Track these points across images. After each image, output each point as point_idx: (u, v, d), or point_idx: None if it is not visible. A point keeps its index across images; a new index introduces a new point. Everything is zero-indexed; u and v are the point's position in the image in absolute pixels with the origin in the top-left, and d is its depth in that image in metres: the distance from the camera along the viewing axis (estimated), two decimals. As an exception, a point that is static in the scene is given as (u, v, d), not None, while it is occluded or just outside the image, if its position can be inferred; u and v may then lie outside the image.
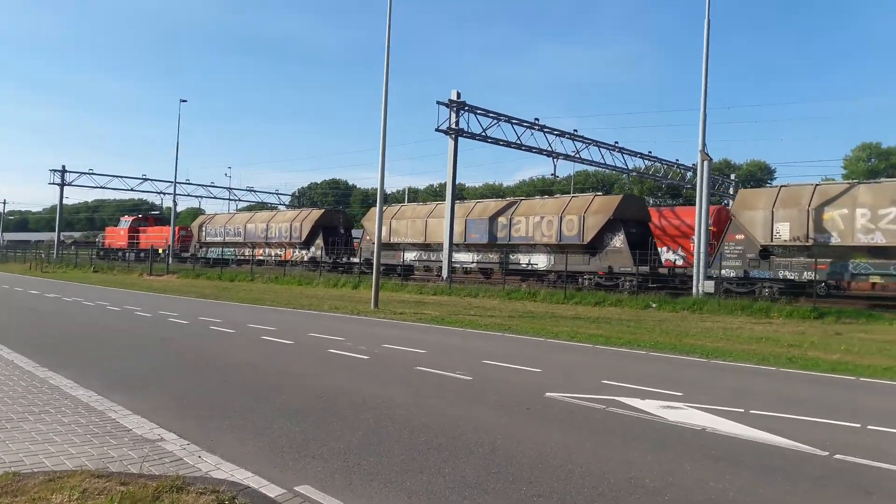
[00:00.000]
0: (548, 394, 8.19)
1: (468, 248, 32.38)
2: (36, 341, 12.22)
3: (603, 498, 4.73)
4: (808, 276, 21.69)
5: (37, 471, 4.78)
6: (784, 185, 23.56)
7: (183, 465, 5.18)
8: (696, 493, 4.86)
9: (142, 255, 55.50)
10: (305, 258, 41.19)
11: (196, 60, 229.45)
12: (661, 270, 26.90)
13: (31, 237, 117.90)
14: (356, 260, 37.40)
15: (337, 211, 48.27)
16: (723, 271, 23.37)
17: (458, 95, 31.14)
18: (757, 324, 17.39)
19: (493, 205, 32.46)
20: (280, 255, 43.00)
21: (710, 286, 21.90)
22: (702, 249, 22.12)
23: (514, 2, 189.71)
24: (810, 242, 21.36)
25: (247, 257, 45.64)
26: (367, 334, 14.05)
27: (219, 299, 23.58)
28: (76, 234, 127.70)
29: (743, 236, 23.08)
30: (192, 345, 12.39)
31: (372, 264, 34.61)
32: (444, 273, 30.34)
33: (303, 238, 41.17)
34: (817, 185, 22.49)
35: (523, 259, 30.22)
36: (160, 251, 51.78)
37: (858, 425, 6.90)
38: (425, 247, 33.69)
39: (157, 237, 55.03)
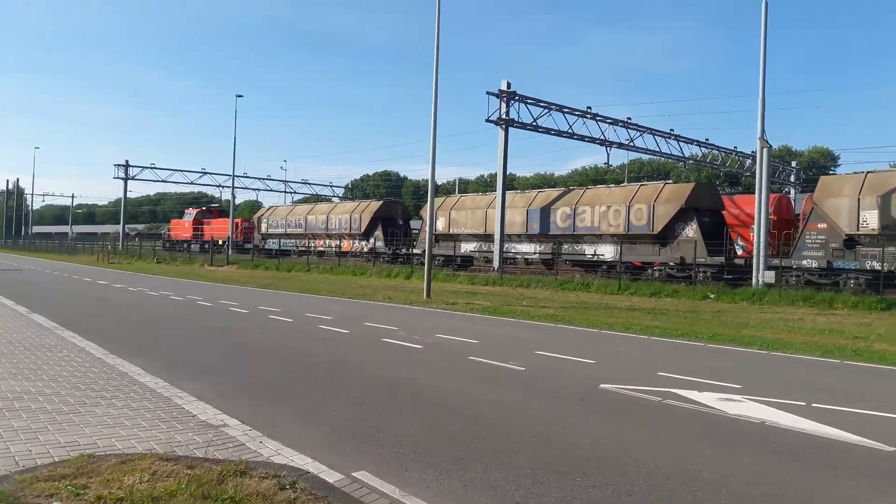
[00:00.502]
0: (602, 385, 8.14)
1: (530, 238, 31.72)
2: (105, 330, 12.75)
3: (658, 490, 4.70)
4: None
5: (109, 453, 5.01)
6: (871, 171, 22.12)
7: (245, 450, 5.36)
8: (754, 487, 4.78)
9: (206, 246, 56.99)
10: (365, 249, 41.30)
11: (251, 56, 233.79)
12: (738, 261, 25.59)
13: (98, 229, 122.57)
14: (416, 251, 37.06)
15: (395, 202, 48.57)
16: (804, 262, 22.41)
17: (508, 85, 30.97)
18: (820, 315, 16.86)
19: (555, 194, 31.68)
20: (340, 246, 43.27)
21: (770, 276, 21.32)
22: (761, 239, 21.54)
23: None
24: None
25: (307, 248, 46.19)
26: (421, 324, 14.18)
27: (277, 289, 24.12)
28: (140, 227, 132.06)
29: (826, 225, 21.96)
30: (252, 334, 12.74)
31: (432, 255, 35.10)
32: (496, 263, 30.32)
33: (362, 229, 41.45)
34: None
35: (588, 250, 29.46)
36: (220, 242, 53.15)
37: (928, 421, 6.65)
38: (485, 237, 33.20)
39: (221, 229, 56.33)
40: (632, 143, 39.65)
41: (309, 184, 77.18)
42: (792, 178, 53.96)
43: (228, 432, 5.84)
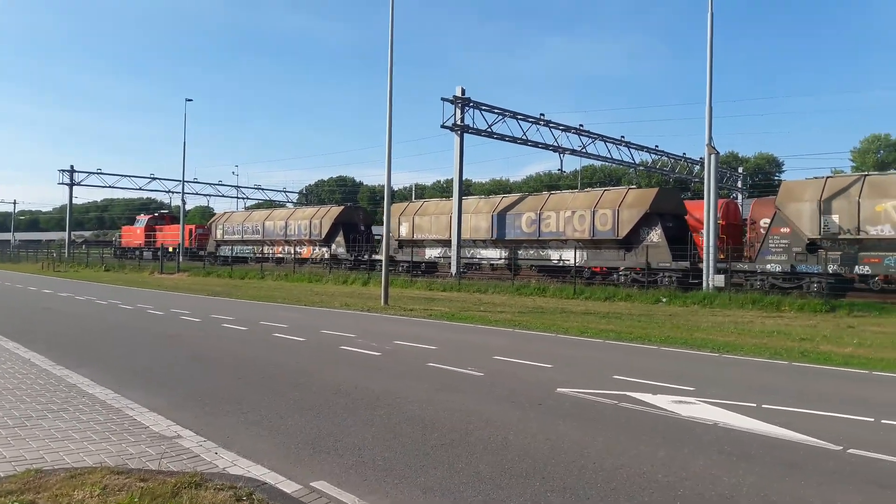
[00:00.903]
0: (559, 389, 8.22)
1: (495, 243, 31.53)
2: (51, 340, 12.35)
3: (616, 493, 4.77)
4: (860, 270, 20.96)
5: (58, 468, 4.85)
6: (830, 176, 22.70)
7: (200, 461, 5.25)
8: (709, 487, 4.89)
9: (158, 253, 55.81)
10: (326, 256, 40.52)
11: (201, 59, 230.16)
12: (701, 265, 25.60)
13: (43, 237, 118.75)
14: (378, 257, 35.79)
15: (357, 207, 47.69)
16: (768, 266, 22.65)
17: (463, 92, 31.13)
18: (768, 317, 17.34)
19: (520, 200, 31.68)
20: (300, 253, 42.52)
21: (720, 280, 21.82)
22: (711, 243, 22.04)
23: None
24: (862, 235, 20.54)
25: (265, 255, 45.42)
26: (379, 331, 14.11)
27: (230, 297, 23.71)
28: (86, 234, 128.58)
29: (788, 229, 22.21)
30: (205, 342, 12.49)
31: (395, 261, 34.31)
32: (453, 269, 30.37)
33: (323, 235, 40.70)
34: (866, 175, 21.54)
35: (554, 255, 29.32)
36: (170, 249, 52.00)
37: (872, 419, 6.89)
38: (449, 243, 32.45)
39: (174, 236, 54.86)
40: (584, 150, 40.30)
41: (262, 189, 76.42)
42: (739, 184, 55.57)
43: (182, 444, 5.72)
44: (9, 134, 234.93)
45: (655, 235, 25.81)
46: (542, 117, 36.20)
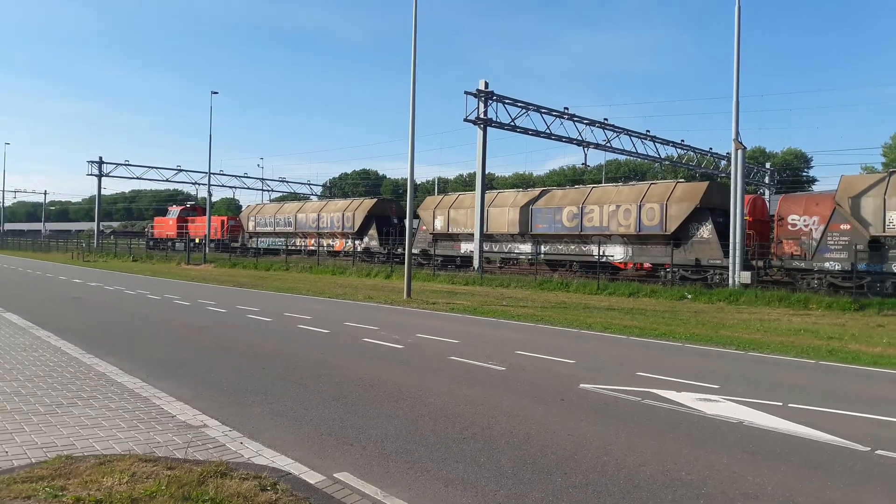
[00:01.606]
0: (582, 385, 8.20)
1: (534, 238, 30.41)
2: (81, 329, 12.58)
3: (639, 490, 4.75)
4: None
5: (88, 454, 4.95)
6: (894, 171, 21.79)
7: (226, 451, 5.32)
8: (733, 487, 4.85)
9: (199, 243, 56.21)
10: (359, 248, 40.01)
11: (228, 53, 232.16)
12: (755, 262, 24.28)
13: (72, 227, 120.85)
14: (414, 251, 35.17)
15: (390, 200, 47.28)
16: (826, 264, 21.68)
17: (486, 85, 31.02)
18: (795, 315, 17.10)
19: (559, 193, 30.55)
20: (332, 246, 42.22)
21: (746, 277, 21.56)
22: (737, 240, 21.77)
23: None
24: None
25: (297, 247, 45.03)
26: (401, 324, 14.16)
27: (255, 288, 23.95)
28: (115, 224, 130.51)
29: (849, 226, 21.23)
30: (231, 333, 12.64)
31: (428, 254, 34.12)
32: (476, 263, 30.35)
33: (356, 228, 40.27)
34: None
35: (596, 250, 27.88)
36: (197, 240, 52.51)
37: (900, 420, 6.78)
38: (487, 237, 31.85)
39: (206, 226, 55.55)
40: (608, 144, 39.98)
41: (286, 182, 76.86)
42: (766, 180, 54.75)
43: (208, 433, 5.80)
44: (40, 127, 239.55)
45: (706, 231, 24.75)
46: (566, 111, 35.97)
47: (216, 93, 53.80)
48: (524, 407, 7.11)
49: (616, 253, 27.58)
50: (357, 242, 40.40)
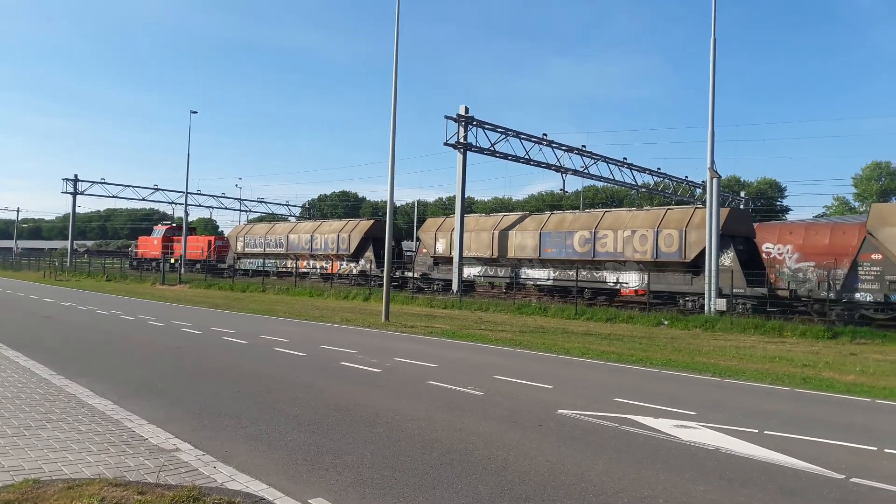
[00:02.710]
0: (560, 410, 8.18)
1: (543, 263, 29.41)
2: (52, 349, 12.33)
3: (617, 517, 4.72)
4: None
5: (56, 478, 4.83)
6: None
7: (199, 475, 5.22)
8: (710, 513, 4.84)
9: (176, 264, 54.20)
10: (354, 271, 38.71)
11: (206, 72, 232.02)
12: (782, 293, 23.35)
13: (45, 245, 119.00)
14: (412, 274, 34.49)
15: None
16: (856, 295, 20.96)
17: (467, 110, 31.31)
18: (770, 343, 17.28)
19: (570, 217, 29.40)
20: (326, 268, 40.78)
21: (721, 304, 21.77)
22: (713, 266, 22.01)
23: (522, 17, 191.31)
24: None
25: (289, 269, 43.54)
26: (379, 347, 14.07)
27: (231, 309, 23.68)
28: (89, 243, 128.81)
29: (881, 256, 20.53)
30: (205, 355, 12.46)
31: (429, 278, 33.15)
32: (455, 286, 30.33)
33: (351, 250, 38.64)
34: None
35: (610, 277, 27.19)
36: (173, 261, 51.79)
37: (875, 448, 6.84)
38: (493, 261, 31.20)
39: (192, 247, 53.77)
40: (586, 171, 40.48)
41: (265, 202, 76.56)
42: (742, 207, 55.61)
43: (181, 457, 5.69)
44: (13, 142, 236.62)
45: (727, 259, 23.69)
46: (544, 137, 36.38)
47: (195, 112, 53.78)
48: (502, 432, 7.07)
49: (631, 280, 26.66)
50: (353, 265, 39.13)
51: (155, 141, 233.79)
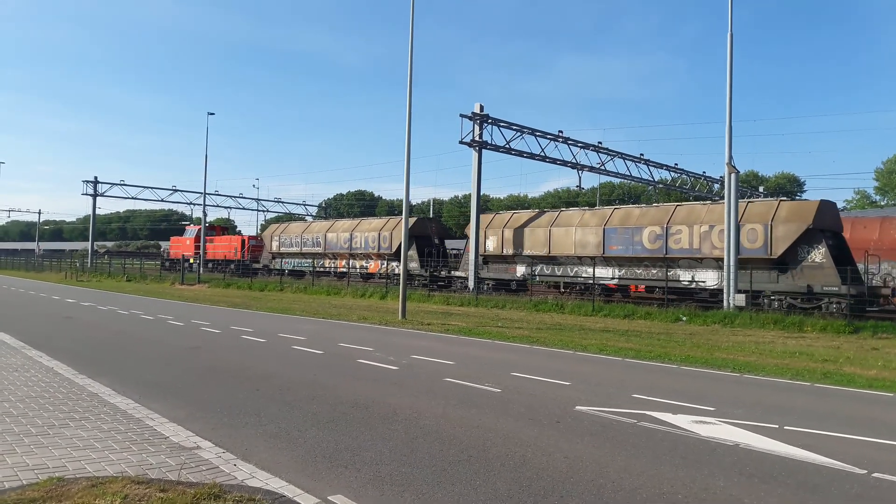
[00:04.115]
0: (578, 407, 8.17)
1: (607, 261, 27.75)
2: (74, 349, 12.50)
3: (636, 513, 4.71)
4: None
5: (79, 476, 4.90)
6: None
7: (219, 473, 5.27)
8: (730, 509, 4.82)
9: (209, 265, 53.73)
10: (397, 270, 35.91)
11: (223, 75, 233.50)
12: (885, 291, 21.95)
13: (66, 247, 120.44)
14: (459, 273, 32.83)
15: (430, 219, 44.34)
16: None
17: (482, 108, 31.27)
18: (790, 338, 17.12)
19: (637, 211, 27.58)
20: (366, 268, 39.66)
21: (740, 299, 21.58)
22: (731, 262, 21.82)
23: (535, 16, 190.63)
24: None
25: (327, 269, 42.49)
26: (396, 345, 14.12)
27: (249, 308, 23.86)
28: (109, 244, 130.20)
29: None
30: (224, 354, 12.57)
31: (479, 278, 31.66)
32: (471, 284, 30.34)
33: (393, 249, 36.93)
34: None
35: (685, 276, 25.44)
36: (191, 260, 52.05)
37: (896, 443, 6.77)
38: (547, 259, 29.64)
39: (226, 246, 53.48)
40: (603, 167, 40.29)
41: (282, 202, 76.98)
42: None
43: (202, 455, 5.75)
44: (35, 145, 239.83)
45: (818, 255, 22.16)
46: (560, 134, 36.25)
47: (212, 113, 54.31)
48: (520, 429, 7.08)
49: (708, 278, 24.95)
50: (395, 264, 37.00)
51: (172, 143, 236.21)
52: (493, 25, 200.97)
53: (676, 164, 46.41)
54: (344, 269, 41.17)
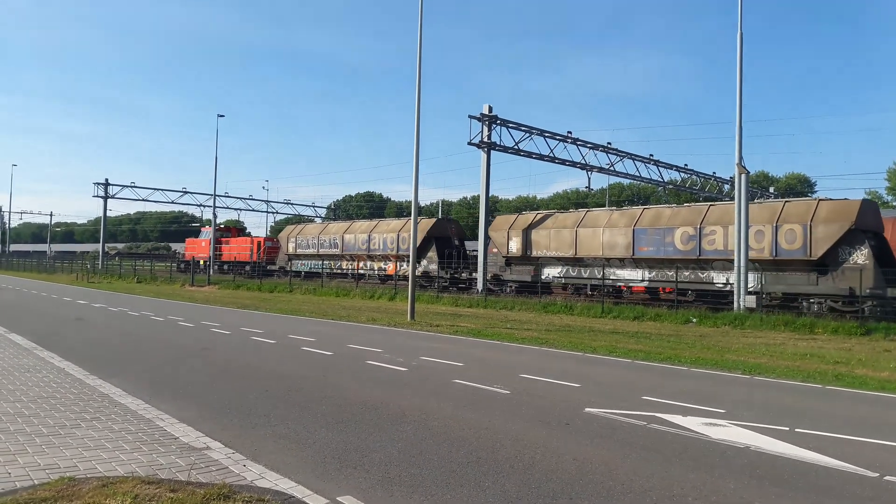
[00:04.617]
0: (587, 409, 8.14)
1: (636, 263, 26.82)
2: (85, 350, 12.58)
3: (646, 515, 4.69)
4: None
5: (90, 476, 4.93)
6: None
7: (229, 473, 5.29)
8: (741, 512, 4.79)
9: (224, 266, 53.58)
10: (416, 272, 36.56)
11: (233, 76, 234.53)
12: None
13: (77, 248, 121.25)
14: (480, 275, 31.64)
15: (449, 220, 43.85)
16: None
17: (490, 109, 31.25)
18: (801, 339, 17.01)
19: (667, 212, 26.64)
20: (385, 269, 39.17)
21: (751, 301, 21.45)
22: (742, 263, 21.70)
23: (545, 15, 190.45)
24: None
25: (344, 271, 42.06)
26: (405, 346, 14.12)
27: (259, 310, 23.94)
28: (120, 246, 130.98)
29: None
30: (234, 355, 12.61)
31: (500, 280, 31.41)
32: (479, 286, 30.31)
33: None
34: None
35: (718, 278, 24.48)
36: (201, 262, 52.20)
37: (909, 446, 6.71)
38: (574, 261, 28.79)
39: (241, 248, 53.33)
40: (612, 168, 40.18)
41: (291, 204, 77.15)
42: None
43: (211, 455, 5.77)
44: (46, 148, 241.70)
45: (861, 256, 21.27)
46: (569, 135, 36.20)
47: (222, 115, 54.38)
48: (529, 431, 7.06)
49: None
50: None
51: (182, 145, 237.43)
52: (502, 25, 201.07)
53: (686, 165, 46.25)
54: (362, 271, 40.54)
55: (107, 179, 61.29)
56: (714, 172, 48.94)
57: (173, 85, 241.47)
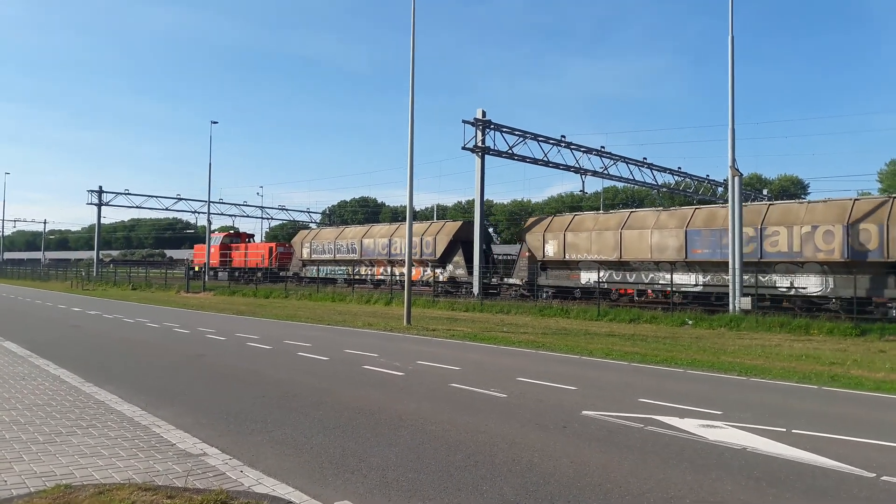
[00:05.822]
0: (584, 412, 8.15)
1: (689, 266, 25.42)
2: (80, 357, 12.53)
3: (643, 517, 4.70)
4: None
5: (87, 483, 4.91)
6: None
7: (226, 479, 5.27)
8: (738, 513, 4.79)
9: (235, 273, 52.99)
10: (441, 277, 34.83)
11: (226, 83, 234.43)
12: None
13: (72, 256, 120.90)
14: (513, 280, 30.99)
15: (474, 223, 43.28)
16: None
17: (484, 114, 31.34)
18: (796, 341, 17.06)
19: (723, 212, 24.69)
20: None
21: (746, 303, 21.51)
22: (737, 265, 21.76)
23: (539, 19, 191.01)
24: None
25: (363, 277, 40.48)
26: (401, 351, 14.11)
27: (254, 315, 23.90)
28: (114, 253, 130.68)
29: None
30: (230, 361, 12.58)
31: (533, 284, 30.19)
32: (475, 289, 30.32)
33: (437, 254, 34.78)
34: None
35: (782, 281, 23.36)
36: (196, 268, 52.00)
37: (905, 446, 6.73)
38: (618, 265, 27.45)
39: (254, 254, 52.46)
40: (606, 171, 40.35)
41: (286, 209, 77.11)
42: None
43: (208, 461, 5.76)
44: (39, 155, 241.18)
45: None
46: (563, 139, 36.32)
47: (216, 122, 55.35)
48: (526, 434, 7.06)
49: (809, 284, 22.85)
50: (439, 271, 35.17)
51: (176, 151, 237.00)
52: (496, 28, 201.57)
53: (680, 168, 46.46)
54: (382, 277, 38.87)
55: (101, 186, 61.25)
56: (708, 175, 49.32)
57: (168, 91, 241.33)
